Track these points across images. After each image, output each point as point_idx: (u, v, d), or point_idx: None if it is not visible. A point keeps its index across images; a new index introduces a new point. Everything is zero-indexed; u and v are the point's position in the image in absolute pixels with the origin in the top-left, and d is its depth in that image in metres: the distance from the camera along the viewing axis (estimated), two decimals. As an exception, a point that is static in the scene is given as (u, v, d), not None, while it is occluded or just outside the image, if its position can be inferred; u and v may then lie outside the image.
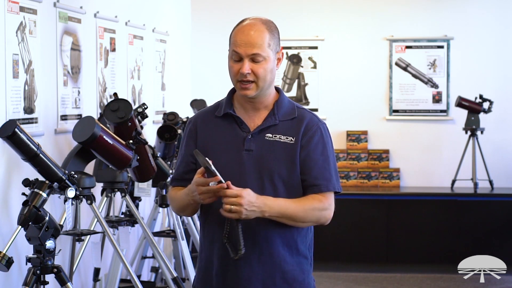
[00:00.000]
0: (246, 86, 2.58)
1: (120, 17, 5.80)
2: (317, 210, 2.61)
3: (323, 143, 2.66)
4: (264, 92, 2.64)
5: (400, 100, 8.18)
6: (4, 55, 3.94)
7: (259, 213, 2.50)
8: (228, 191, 2.45)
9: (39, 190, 3.17)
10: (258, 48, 2.57)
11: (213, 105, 2.75)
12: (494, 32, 8.06)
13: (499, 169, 7.93)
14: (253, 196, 2.49)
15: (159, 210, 5.57)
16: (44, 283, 3.28)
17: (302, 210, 2.58)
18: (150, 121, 6.38)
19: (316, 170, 2.62)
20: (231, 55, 2.60)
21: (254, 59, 2.57)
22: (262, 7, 8.09)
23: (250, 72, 2.57)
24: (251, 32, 2.58)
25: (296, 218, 2.58)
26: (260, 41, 2.57)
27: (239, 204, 2.45)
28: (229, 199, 2.45)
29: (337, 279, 6.93)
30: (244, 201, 2.45)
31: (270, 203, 2.53)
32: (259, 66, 2.58)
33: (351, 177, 8.00)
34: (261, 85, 2.60)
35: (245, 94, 2.60)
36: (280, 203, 2.55)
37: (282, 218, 2.56)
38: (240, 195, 2.45)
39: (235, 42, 2.59)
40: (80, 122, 3.79)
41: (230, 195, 2.45)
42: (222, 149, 2.63)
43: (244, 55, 2.57)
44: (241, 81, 2.58)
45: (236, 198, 2.45)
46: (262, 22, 2.62)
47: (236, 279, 2.61)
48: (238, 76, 2.58)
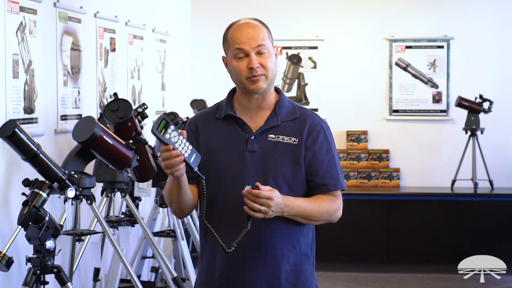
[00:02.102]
0: (257, 78, 2.58)
1: (120, 17, 5.80)
2: (332, 210, 2.64)
3: (327, 143, 2.68)
4: (270, 86, 2.64)
5: (400, 100, 8.19)
6: (4, 55, 3.94)
7: (280, 213, 2.52)
8: (262, 193, 2.43)
9: (39, 190, 3.17)
10: (262, 40, 2.58)
11: (212, 107, 2.74)
12: (494, 32, 8.06)
13: (499, 169, 7.93)
14: (280, 197, 2.49)
15: (159, 210, 5.57)
16: (44, 283, 3.27)
17: (318, 210, 2.60)
18: (150, 121, 6.38)
19: (323, 170, 2.64)
20: (235, 54, 2.59)
21: (260, 51, 2.58)
22: (262, 7, 8.09)
23: (259, 66, 2.57)
24: (250, 28, 2.59)
25: (311, 217, 2.60)
26: (262, 34, 2.59)
27: (269, 206, 2.45)
28: (260, 199, 2.44)
29: (337, 279, 6.93)
30: (273, 203, 2.46)
31: (290, 203, 2.53)
32: (265, 58, 2.58)
33: (351, 177, 8.00)
34: (270, 77, 2.60)
35: (257, 88, 2.59)
36: (299, 204, 2.56)
37: (297, 217, 2.57)
38: (272, 198, 2.45)
39: (237, 40, 2.58)
40: (80, 122, 3.79)
41: (263, 196, 2.44)
42: (224, 151, 2.62)
43: (250, 49, 2.57)
44: (251, 76, 2.58)
45: (268, 200, 2.45)
46: (255, 19, 2.65)
47: (241, 281, 2.61)
48: (247, 72, 2.58)
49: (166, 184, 2.63)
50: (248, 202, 2.44)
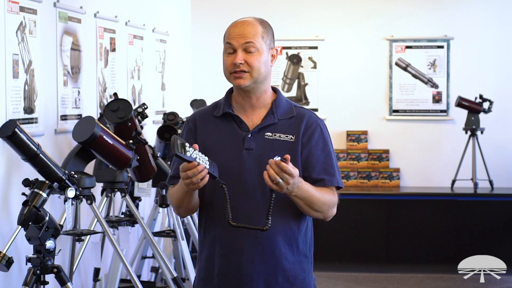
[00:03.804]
0: (240, 75, 2.59)
1: (120, 17, 5.80)
2: (332, 203, 2.64)
3: (323, 140, 2.68)
4: (259, 85, 2.64)
5: (400, 100, 8.18)
6: (4, 55, 3.94)
7: (289, 192, 2.50)
8: (288, 168, 2.42)
9: (39, 190, 3.17)
10: (251, 38, 2.59)
11: (210, 105, 2.76)
12: (494, 32, 8.06)
13: (499, 169, 7.93)
14: (298, 178, 2.48)
15: (159, 210, 5.57)
16: (44, 283, 3.28)
17: (322, 199, 2.60)
18: (150, 121, 6.38)
19: (319, 166, 2.64)
20: (225, 49, 2.62)
21: (247, 49, 2.59)
22: (262, 7, 8.09)
23: (244, 62, 2.58)
24: (243, 25, 2.62)
25: (314, 205, 2.58)
26: (253, 32, 2.60)
27: (288, 183, 2.44)
28: (283, 174, 2.42)
29: (337, 279, 6.93)
30: (292, 181, 2.45)
31: (301, 185, 2.52)
32: (252, 56, 2.59)
33: (351, 177, 8.00)
34: (255, 76, 2.60)
35: (238, 84, 2.60)
36: (308, 188, 2.55)
37: (301, 200, 2.55)
38: (293, 176, 2.44)
39: (228, 35, 2.62)
40: (80, 122, 3.79)
41: (288, 172, 2.42)
42: (221, 148, 2.63)
43: (237, 45, 2.59)
44: (234, 71, 2.59)
45: (289, 177, 2.43)
46: (255, 18, 2.67)
47: (238, 279, 2.61)
48: (231, 67, 2.59)
49: (174, 194, 2.65)
50: (271, 172, 2.42)
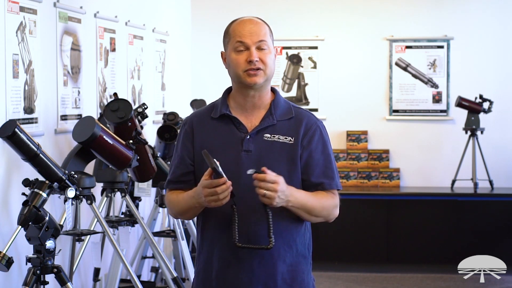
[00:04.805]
0: (255, 72, 2.59)
1: (120, 17, 5.80)
2: (331, 207, 2.64)
3: (323, 142, 2.67)
4: (267, 83, 2.65)
5: (400, 100, 8.18)
6: (4, 55, 3.94)
7: (285, 202, 2.50)
8: (267, 176, 2.43)
9: (39, 190, 3.17)
10: (263, 36, 2.61)
11: (207, 106, 2.74)
12: (494, 32, 8.06)
13: (499, 169, 7.93)
14: (285, 184, 2.48)
15: (159, 210, 5.57)
16: (44, 283, 3.28)
17: (320, 204, 2.60)
18: (150, 121, 6.38)
19: (318, 169, 2.63)
20: (235, 47, 2.60)
21: (261, 47, 2.60)
22: (262, 7, 8.09)
23: (258, 60, 2.58)
24: (252, 24, 2.62)
25: (313, 211, 2.59)
26: (263, 31, 2.62)
27: (275, 190, 2.44)
28: (266, 184, 2.43)
29: (337, 279, 6.93)
30: (279, 188, 2.45)
31: (295, 194, 2.53)
32: (265, 54, 2.60)
33: (351, 177, 8.00)
34: (268, 73, 2.61)
35: (254, 82, 2.59)
36: (302, 195, 2.56)
37: (300, 209, 2.56)
38: (277, 182, 2.44)
39: (239, 33, 2.60)
40: (80, 122, 3.79)
41: (269, 180, 2.43)
42: (220, 150, 2.60)
43: (251, 43, 2.59)
44: (249, 69, 2.58)
45: (273, 185, 2.44)
46: (257, 17, 2.68)
47: (237, 281, 2.60)
48: (245, 65, 2.59)
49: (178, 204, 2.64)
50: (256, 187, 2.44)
